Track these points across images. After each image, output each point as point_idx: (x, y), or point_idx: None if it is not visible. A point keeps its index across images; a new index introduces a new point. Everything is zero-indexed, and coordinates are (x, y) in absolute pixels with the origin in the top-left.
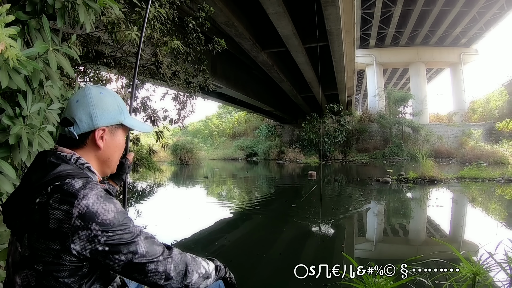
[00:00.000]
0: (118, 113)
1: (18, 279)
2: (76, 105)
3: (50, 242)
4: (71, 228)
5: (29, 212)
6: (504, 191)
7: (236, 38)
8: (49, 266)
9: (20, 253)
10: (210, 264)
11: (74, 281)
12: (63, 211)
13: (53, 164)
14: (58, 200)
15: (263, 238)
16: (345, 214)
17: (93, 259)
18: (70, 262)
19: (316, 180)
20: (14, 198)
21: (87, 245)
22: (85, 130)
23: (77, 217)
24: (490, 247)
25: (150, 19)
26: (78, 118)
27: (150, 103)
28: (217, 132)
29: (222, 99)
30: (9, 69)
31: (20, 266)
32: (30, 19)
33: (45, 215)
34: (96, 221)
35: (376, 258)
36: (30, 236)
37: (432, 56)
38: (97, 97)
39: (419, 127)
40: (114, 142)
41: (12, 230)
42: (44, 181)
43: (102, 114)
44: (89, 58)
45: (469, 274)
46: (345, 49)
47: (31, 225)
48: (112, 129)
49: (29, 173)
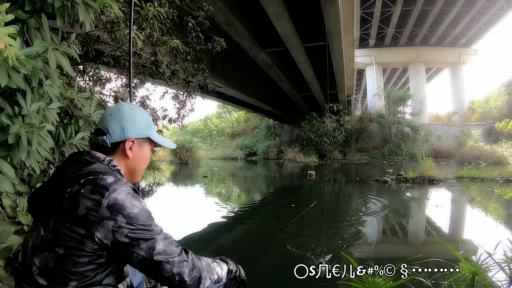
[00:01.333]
0: (147, 128)
1: (37, 261)
2: (110, 118)
3: (76, 227)
4: (98, 217)
5: (58, 199)
6: (503, 191)
7: (236, 38)
8: (70, 250)
9: (43, 237)
10: (224, 268)
11: (91, 268)
12: (93, 200)
13: (88, 162)
14: (89, 190)
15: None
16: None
17: (113, 249)
18: (90, 249)
19: (315, 180)
20: (43, 188)
21: (110, 234)
22: (116, 140)
23: (105, 207)
24: (489, 247)
25: (150, 18)
26: (111, 129)
27: (149, 102)
28: (217, 131)
29: (221, 99)
30: (9, 68)
31: (40, 249)
32: (29, 18)
33: (75, 202)
34: (122, 213)
35: (376, 258)
36: (56, 221)
37: (432, 56)
38: (129, 112)
39: (419, 127)
40: (141, 154)
41: (36, 217)
42: (78, 174)
43: (133, 127)
44: (89, 57)
45: (468, 274)
46: (345, 49)
47: (59, 211)
48: (140, 142)
49: (62, 167)
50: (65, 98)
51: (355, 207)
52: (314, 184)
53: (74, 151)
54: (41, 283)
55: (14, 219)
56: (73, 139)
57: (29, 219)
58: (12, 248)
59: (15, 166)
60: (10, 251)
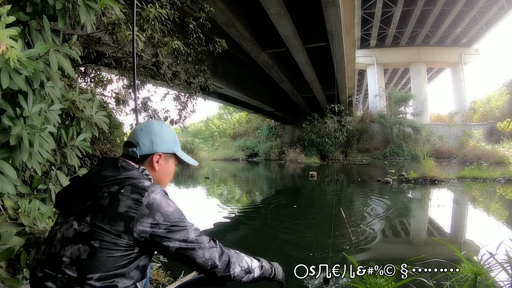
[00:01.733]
0: (173, 144)
1: (67, 251)
2: (140, 132)
3: (115, 223)
4: (138, 214)
5: (96, 198)
6: (505, 191)
7: (237, 39)
8: (105, 244)
9: (76, 230)
10: (254, 261)
11: (122, 262)
12: (133, 199)
13: (125, 168)
14: (129, 190)
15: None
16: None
17: (149, 243)
18: (125, 244)
19: (317, 181)
20: (74, 187)
21: (148, 229)
22: (145, 152)
23: (145, 206)
24: (491, 247)
25: (151, 19)
26: (141, 142)
27: (150, 104)
28: (218, 132)
29: (222, 100)
30: (10, 69)
31: (72, 241)
32: (30, 20)
33: (115, 201)
34: (160, 211)
35: (377, 258)
36: (94, 216)
37: (433, 56)
38: (158, 128)
39: (420, 127)
40: (166, 168)
41: (66, 212)
42: (117, 177)
43: (161, 142)
44: (90, 59)
45: (470, 274)
46: (346, 49)
47: (97, 208)
48: (166, 156)
49: (99, 170)
50: (67, 99)
51: (356, 208)
52: (316, 184)
53: (76, 152)
54: (70, 273)
55: (16, 221)
56: (74, 141)
57: (30, 221)
58: (14, 250)
59: (16, 168)
60: (12, 253)
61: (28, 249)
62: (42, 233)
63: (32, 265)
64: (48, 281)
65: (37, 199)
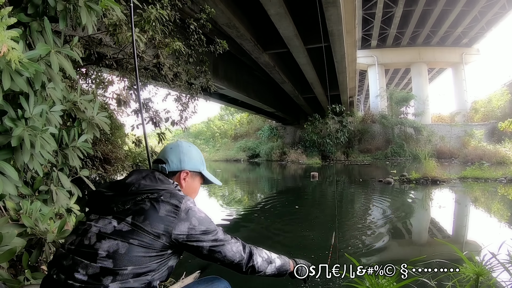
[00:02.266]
0: (200, 163)
1: (105, 245)
2: (170, 151)
3: (156, 225)
4: (177, 218)
5: (136, 202)
6: (506, 191)
7: (238, 40)
8: (143, 243)
9: (115, 228)
10: (273, 253)
11: (155, 261)
12: (172, 205)
13: (162, 181)
14: (169, 197)
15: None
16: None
17: (182, 245)
18: (161, 244)
19: (318, 181)
20: (112, 190)
21: (185, 231)
22: (174, 169)
23: (183, 211)
24: (493, 247)
25: (152, 20)
26: (170, 160)
27: (152, 105)
28: (219, 133)
29: (224, 101)
30: (11, 71)
31: (111, 237)
32: (32, 21)
33: (156, 205)
34: (195, 216)
35: (378, 259)
36: (135, 218)
37: (434, 56)
38: (186, 148)
39: (421, 127)
40: (192, 185)
41: (99, 211)
42: (156, 188)
43: (189, 161)
44: (91, 60)
45: (472, 274)
46: (347, 50)
47: (139, 211)
48: (193, 175)
49: (137, 178)
50: (68, 101)
51: (358, 208)
52: (318, 185)
53: (77, 153)
54: (106, 264)
55: (18, 222)
56: (76, 142)
57: (32, 222)
58: (16, 251)
59: (18, 169)
60: (14, 253)
61: (29, 250)
62: (44, 234)
63: (58, 253)
64: (79, 269)
65: (38, 200)
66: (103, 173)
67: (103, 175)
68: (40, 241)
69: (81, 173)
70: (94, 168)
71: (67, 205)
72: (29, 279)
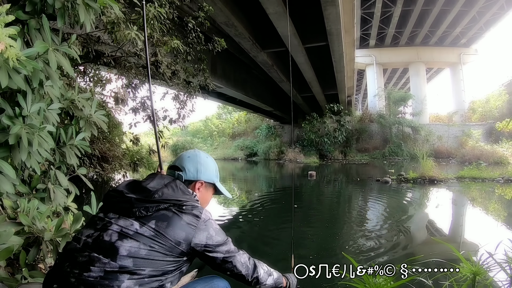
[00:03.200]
0: (215, 175)
1: (127, 244)
2: (187, 159)
3: (178, 232)
4: (197, 227)
5: (159, 209)
6: (504, 191)
7: (236, 38)
8: (164, 248)
9: (138, 231)
10: (269, 268)
11: (171, 265)
12: (193, 215)
13: (183, 192)
14: (190, 208)
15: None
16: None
17: (198, 253)
18: (179, 252)
19: (316, 180)
20: (132, 192)
21: (203, 241)
22: (190, 178)
23: (202, 222)
24: (490, 247)
25: (150, 18)
26: (187, 168)
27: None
28: (217, 132)
29: (222, 99)
30: (9, 69)
31: (134, 238)
32: (30, 19)
33: (179, 214)
34: (212, 227)
35: (376, 258)
36: (159, 223)
37: (432, 56)
38: (204, 159)
39: (419, 127)
40: (205, 195)
41: (118, 211)
42: (178, 198)
43: (205, 171)
44: (89, 58)
45: (469, 274)
46: (345, 49)
47: (162, 217)
48: (207, 185)
49: (159, 186)
50: (66, 99)
51: (355, 208)
52: (315, 184)
53: (75, 152)
54: (125, 263)
55: (15, 220)
56: (73, 140)
57: (29, 220)
58: (13, 249)
59: (15, 167)
60: (11, 252)
61: (27, 248)
62: (41, 232)
63: (71, 246)
64: (96, 264)
65: (36, 198)
66: (100, 172)
67: (101, 173)
68: (37, 239)
69: (78, 171)
70: (91, 166)
71: (64, 204)
72: (27, 278)
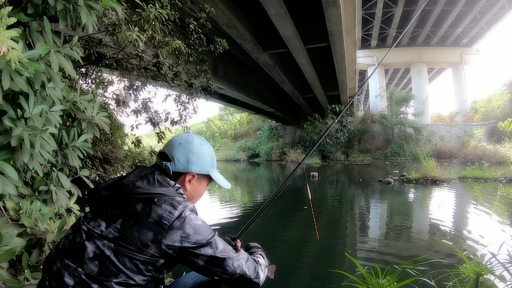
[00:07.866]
0: (210, 165)
1: (92, 246)
2: (178, 147)
3: (145, 231)
4: (169, 225)
5: (127, 205)
6: (506, 191)
7: (238, 40)
8: (130, 251)
9: (103, 231)
10: (264, 257)
11: (143, 267)
12: (166, 210)
13: (161, 183)
14: (163, 202)
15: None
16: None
17: (175, 256)
18: (150, 254)
19: (318, 181)
20: (107, 190)
21: (178, 241)
22: (179, 170)
23: (176, 218)
24: (493, 247)
25: (151, 20)
26: (177, 158)
27: (151, 105)
28: (219, 133)
29: (224, 100)
30: (11, 71)
31: (98, 239)
32: (31, 21)
33: (148, 210)
34: (190, 224)
35: (379, 259)
36: (125, 222)
37: (434, 56)
38: (197, 147)
39: (421, 127)
40: (198, 188)
41: (94, 210)
42: (151, 192)
43: (198, 162)
44: (91, 60)
45: (472, 274)
46: (347, 50)
47: (129, 214)
48: (200, 177)
49: (133, 180)
50: (68, 100)
51: (358, 208)
52: (317, 185)
53: (77, 153)
54: (91, 268)
55: (17, 222)
56: (75, 142)
57: (31, 222)
58: (16, 251)
59: (18, 169)
60: (13, 254)
61: (29, 250)
62: (44, 234)
63: (49, 255)
64: (65, 274)
65: (38, 200)
66: (102, 173)
67: (103, 175)
68: (40, 241)
69: (81, 173)
70: (94, 168)
71: (66, 205)
72: (29, 279)
